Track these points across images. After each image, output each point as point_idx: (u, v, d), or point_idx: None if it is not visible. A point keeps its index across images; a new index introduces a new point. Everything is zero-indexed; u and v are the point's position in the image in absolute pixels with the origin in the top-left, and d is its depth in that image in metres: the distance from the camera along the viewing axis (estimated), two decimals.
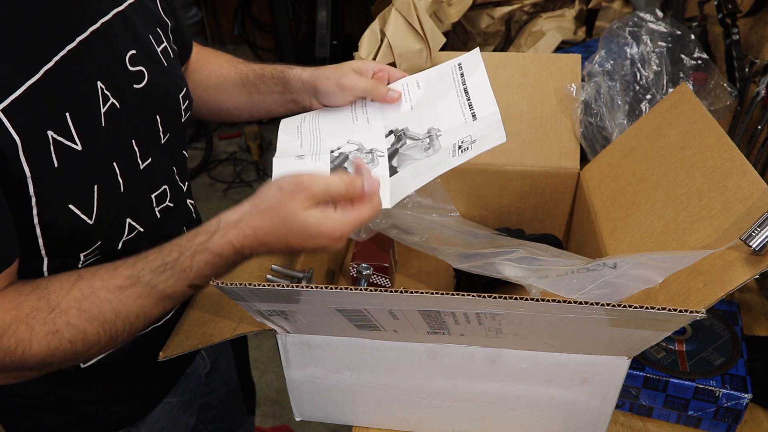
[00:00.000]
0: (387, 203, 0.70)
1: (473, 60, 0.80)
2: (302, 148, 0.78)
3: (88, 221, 0.63)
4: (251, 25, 3.73)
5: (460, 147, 0.73)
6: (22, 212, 0.58)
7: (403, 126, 0.79)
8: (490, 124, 0.74)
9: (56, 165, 0.58)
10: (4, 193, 0.56)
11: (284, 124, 0.83)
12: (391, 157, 0.77)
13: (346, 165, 0.75)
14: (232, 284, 0.54)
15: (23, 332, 0.57)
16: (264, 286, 0.53)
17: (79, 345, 0.59)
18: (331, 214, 0.58)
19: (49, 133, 0.58)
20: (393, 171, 0.75)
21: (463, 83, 0.79)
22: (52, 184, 0.59)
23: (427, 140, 0.76)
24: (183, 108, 0.78)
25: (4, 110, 0.54)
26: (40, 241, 0.61)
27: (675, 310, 0.48)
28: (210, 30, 3.75)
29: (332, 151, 0.77)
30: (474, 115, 0.76)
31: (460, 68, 0.80)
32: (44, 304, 0.58)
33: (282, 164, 0.76)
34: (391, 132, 0.79)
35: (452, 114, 0.77)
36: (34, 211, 0.59)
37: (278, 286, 0.53)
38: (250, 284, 0.54)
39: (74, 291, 0.59)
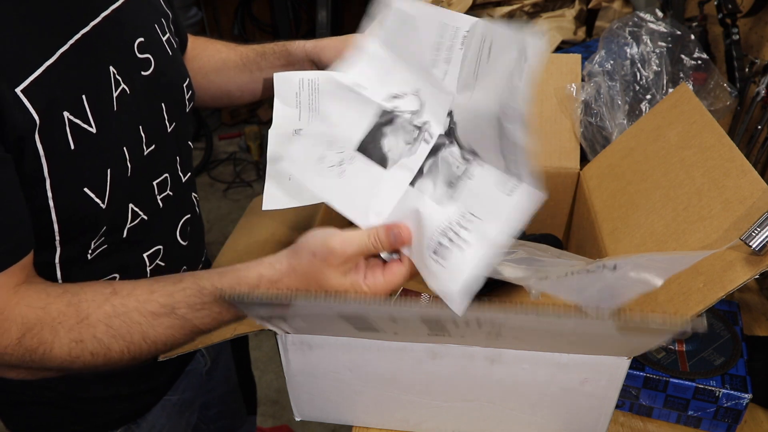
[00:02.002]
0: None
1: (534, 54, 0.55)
2: (300, 121, 0.69)
3: (101, 205, 0.63)
4: (251, 25, 3.73)
5: (447, 239, 0.58)
6: (37, 196, 0.59)
7: (458, 117, 0.61)
8: (495, 240, 0.57)
9: (72, 147, 0.59)
10: (20, 178, 0.56)
11: (279, 86, 0.70)
12: (432, 152, 0.62)
13: (386, 129, 0.65)
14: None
15: (47, 334, 0.57)
16: (264, 291, 0.53)
17: (100, 359, 0.59)
18: (361, 284, 0.59)
19: (66, 114, 0.58)
20: (416, 179, 0.63)
21: (501, 117, 0.56)
22: (68, 166, 0.59)
23: (464, 167, 0.60)
24: (187, 98, 0.79)
25: (24, 90, 0.54)
26: (56, 227, 0.62)
27: (675, 319, 0.48)
28: (210, 30, 3.75)
29: (392, 96, 0.66)
30: (513, 190, 0.57)
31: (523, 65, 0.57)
32: (73, 312, 0.58)
33: (277, 139, 0.68)
34: (450, 113, 0.62)
35: (491, 152, 0.57)
36: (49, 194, 0.59)
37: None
38: None
39: (106, 306, 0.59)
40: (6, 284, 0.56)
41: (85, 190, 0.62)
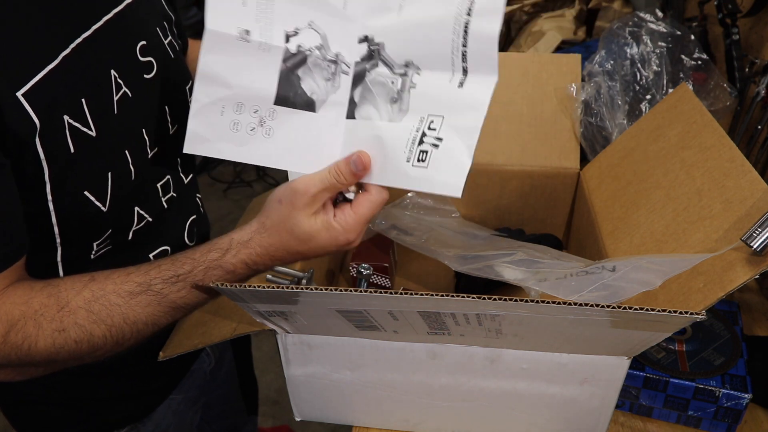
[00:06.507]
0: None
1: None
2: (246, 19, 0.59)
3: (102, 208, 0.64)
4: None
5: (421, 144, 0.58)
6: (37, 199, 0.59)
7: (381, 38, 0.59)
8: (467, 128, 0.57)
9: (72, 151, 0.59)
10: (20, 181, 0.56)
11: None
12: (356, 80, 0.61)
13: (300, 72, 0.60)
14: (231, 286, 0.54)
15: (31, 328, 0.57)
16: (263, 287, 0.53)
17: (84, 346, 0.59)
18: (332, 222, 0.59)
19: (66, 118, 0.59)
20: (351, 110, 0.61)
21: (467, 18, 0.55)
22: (68, 170, 0.59)
23: (399, 80, 0.59)
24: (189, 100, 0.79)
25: (25, 95, 0.55)
26: (56, 229, 0.62)
27: (675, 312, 0.48)
28: None
29: (287, 36, 0.60)
30: (461, 83, 0.57)
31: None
32: (53, 302, 0.58)
33: (215, 41, 0.60)
34: (366, 39, 0.60)
35: (439, 56, 0.57)
36: (49, 197, 0.59)
37: (278, 287, 0.53)
38: (249, 286, 0.54)
39: (85, 292, 0.59)
40: None
41: (86, 193, 0.62)
